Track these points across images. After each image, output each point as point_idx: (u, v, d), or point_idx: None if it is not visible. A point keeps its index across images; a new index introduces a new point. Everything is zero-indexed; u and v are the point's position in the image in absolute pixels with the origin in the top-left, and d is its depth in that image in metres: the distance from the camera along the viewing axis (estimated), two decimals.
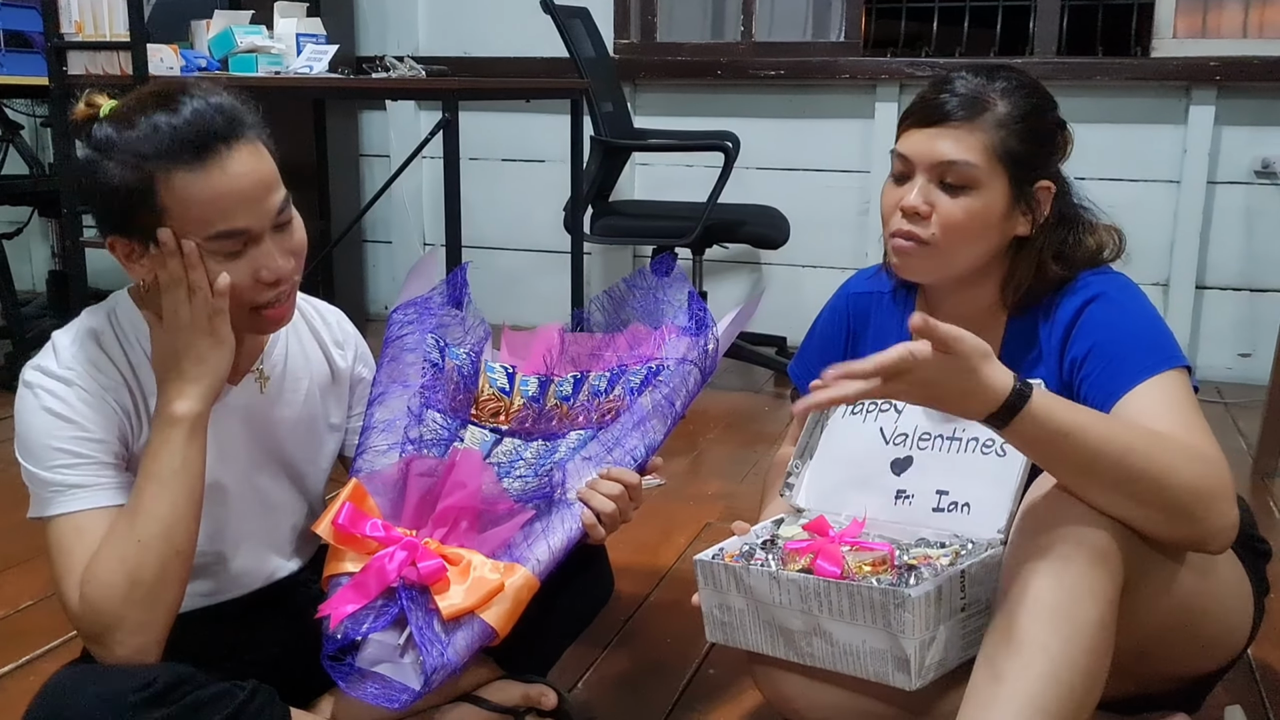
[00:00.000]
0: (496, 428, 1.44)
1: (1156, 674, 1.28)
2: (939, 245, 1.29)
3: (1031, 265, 1.32)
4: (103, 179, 1.14)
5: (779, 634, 1.22)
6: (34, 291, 4.58)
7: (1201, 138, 3.30)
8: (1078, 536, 1.10)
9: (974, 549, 1.23)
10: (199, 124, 1.13)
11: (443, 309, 1.51)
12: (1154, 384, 1.21)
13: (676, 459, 1.54)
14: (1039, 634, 1.07)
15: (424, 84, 2.94)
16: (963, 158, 1.26)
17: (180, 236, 1.14)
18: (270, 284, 1.19)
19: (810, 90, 3.70)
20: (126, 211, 1.15)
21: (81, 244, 2.89)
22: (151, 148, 1.12)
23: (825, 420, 1.43)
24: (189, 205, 1.13)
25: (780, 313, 3.60)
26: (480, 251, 4.01)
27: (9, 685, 1.70)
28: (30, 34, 3.19)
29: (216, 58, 2.78)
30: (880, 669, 1.16)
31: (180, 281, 1.16)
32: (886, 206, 1.34)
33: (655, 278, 1.55)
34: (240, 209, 1.15)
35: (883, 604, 1.12)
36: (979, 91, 1.28)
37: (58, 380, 1.19)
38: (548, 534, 1.28)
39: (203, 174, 1.13)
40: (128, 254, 1.19)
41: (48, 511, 1.19)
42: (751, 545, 1.31)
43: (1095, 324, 1.28)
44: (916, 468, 1.33)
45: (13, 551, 2.11)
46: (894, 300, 1.47)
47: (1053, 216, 1.32)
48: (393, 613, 1.23)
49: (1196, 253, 3.39)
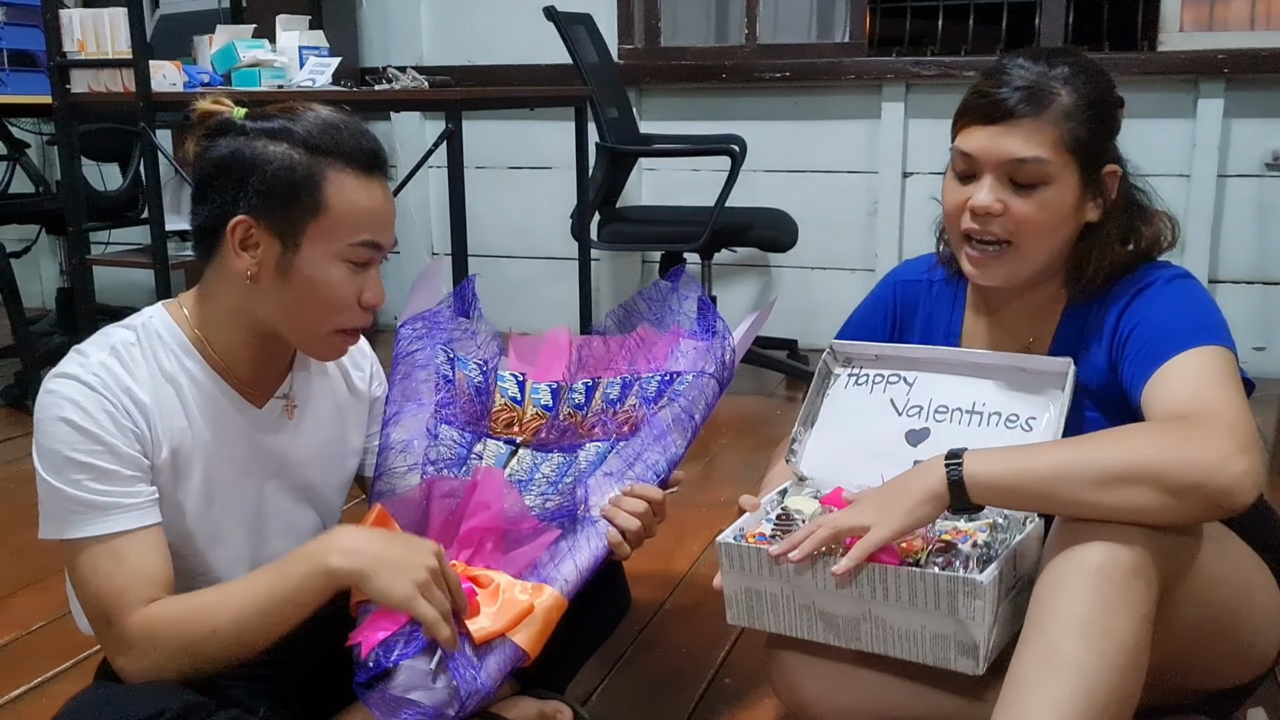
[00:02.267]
0: (510, 439, 1.43)
1: (1188, 686, 1.26)
2: (1016, 243, 1.25)
3: (1102, 251, 1.28)
4: (266, 157, 1.18)
5: (818, 618, 1.19)
6: (44, 309, 4.59)
7: (1211, 131, 3.28)
8: (1113, 550, 1.07)
9: (1009, 521, 1.21)
10: (370, 142, 1.22)
11: (452, 322, 1.50)
12: (1192, 355, 1.17)
13: (689, 464, 1.52)
14: (1073, 649, 1.05)
15: (427, 95, 2.93)
16: (1033, 154, 1.22)
17: (316, 237, 1.18)
18: (367, 308, 1.23)
19: (816, 91, 3.68)
20: (282, 193, 1.17)
21: (89, 261, 2.89)
22: (331, 143, 1.19)
23: (827, 388, 1.41)
24: (352, 208, 1.19)
25: (790, 315, 3.58)
26: (487, 260, 4.00)
27: (21, 708, 1.69)
28: (35, 53, 3.20)
29: (219, 73, 2.78)
30: (941, 654, 1.13)
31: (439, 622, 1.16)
32: (952, 205, 1.29)
33: (667, 287, 1.54)
34: (385, 228, 1.23)
35: (950, 591, 1.09)
36: (1040, 82, 1.23)
37: (82, 386, 1.17)
38: (574, 553, 1.27)
39: (367, 185, 1.21)
40: (245, 239, 1.20)
41: (75, 533, 1.16)
42: (769, 520, 1.27)
43: (1143, 305, 1.26)
44: (934, 440, 1.31)
45: (23, 572, 2.10)
46: (944, 289, 1.44)
47: (1119, 199, 1.29)
48: (423, 638, 1.21)
49: (1208, 247, 3.36)
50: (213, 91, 2.66)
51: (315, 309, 1.22)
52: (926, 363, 1.36)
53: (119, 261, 3.11)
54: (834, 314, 1.70)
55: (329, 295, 1.21)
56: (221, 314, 1.26)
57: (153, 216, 2.74)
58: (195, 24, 3.10)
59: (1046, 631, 1.07)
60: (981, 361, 1.33)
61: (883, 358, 1.39)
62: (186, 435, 1.24)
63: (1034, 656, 1.07)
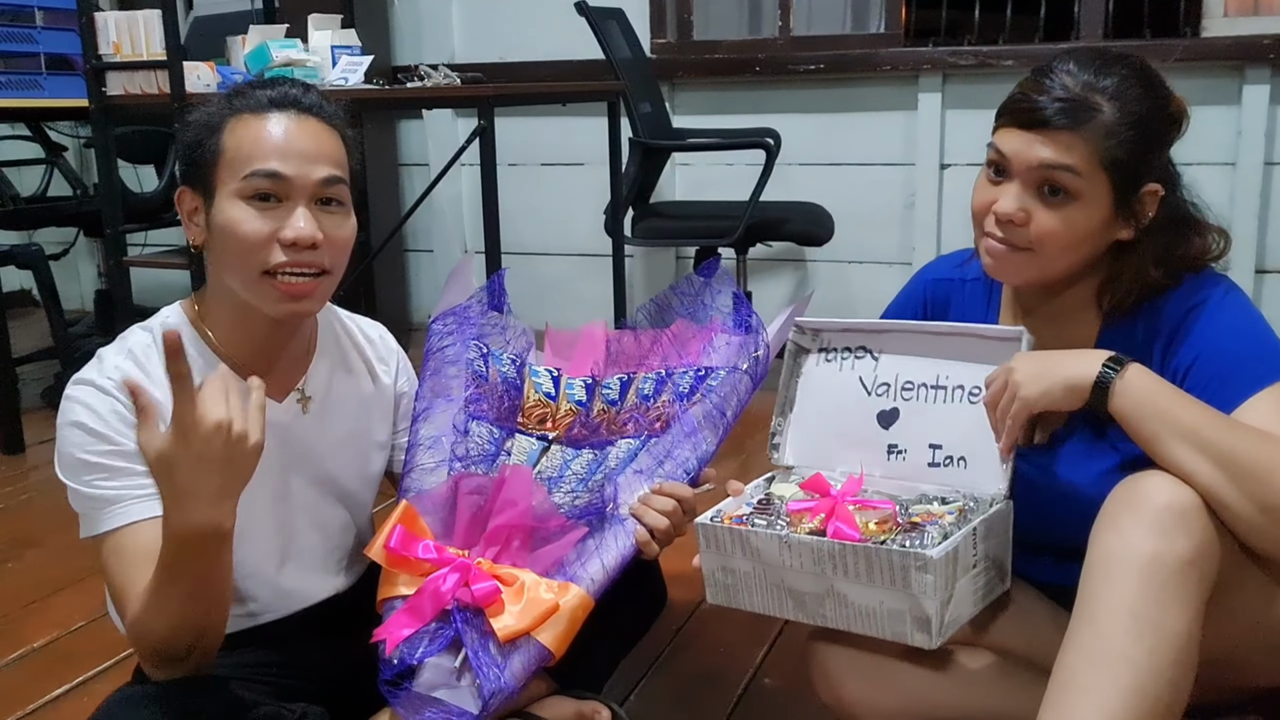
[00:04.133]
0: (544, 435, 1.42)
1: (1238, 683, 1.23)
2: (1034, 253, 1.22)
3: (1133, 271, 1.25)
4: (186, 125, 1.23)
5: (788, 596, 1.21)
6: (82, 310, 4.64)
7: (1257, 118, 3.21)
8: (1168, 540, 1.05)
9: (979, 505, 1.23)
10: (282, 89, 1.23)
11: (483, 316, 1.49)
12: (1267, 395, 1.15)
13: (726, 461, 1.51)
14: (1123, 644, 1.02)
15: (458, 92, 2.92)
16: (1063, 163, 1.18)
17: (220, 182, 1.19)
18: (286, 245, 1.18)
19: (851, 83, 3.64)
20: (194, 151, 1.21)
21: (126, 263, 2.91)
22: (234, 96, 1.22)
23: (800, 369, 1.41)
24: (240, 144, 1.19)
25: (826, 309, 3.50)
26: (521, 257, 3.99)
27: (63, 707, 1.70)
28: (72, 56, 3.23)
29: (252, 73, 2.78)
30: (898, 629, 1.15)
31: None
32: (979, 205, 1.26)
33: (700, 282, 1.52)
34: (278, 154, 1.18)
35: (902, 566, 1.11)
36: (1085, 94, 1.18)
37: (95, 390, 1.19)
38: (601, 551, 1.26)
39: (261, 119, 1.20)
40: (189, 210, 1.23)
41: (95, 530, 1.19)
42: (749, 504, 1.29)
43: (1200, 332, 1.22)
44: (904, 421, 1.32)
45: (65, 573, 2.12)
46: (979, 289, 1.41)
47: (1160, 219, 1.24)
48: (448, 636, 1.21)
49: (1255, 236, 3.29)
50: None
51: (235, 254, 1.19)
52: (890, 333, 1.36)
53: (156, 263, 3.14)
54: (871, 308, 1.68)
55: (238, 235, 1.18)
56: (216, 302, 1.27)
57: None
58: (228, 25, 3.12)
59: (1096, 623, 1.05)
60: (941, 331, 1.33)
61: (850, 329, 1.39)
62: None
63: (1082, 650, 1.05)
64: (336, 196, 1.22)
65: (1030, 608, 1.32)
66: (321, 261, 1.20)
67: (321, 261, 1.20)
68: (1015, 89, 1.25)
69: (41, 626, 1.95)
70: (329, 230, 1.21)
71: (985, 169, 1.27)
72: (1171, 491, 1.07)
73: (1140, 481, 1.10)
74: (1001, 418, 1.19)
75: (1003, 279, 1.30)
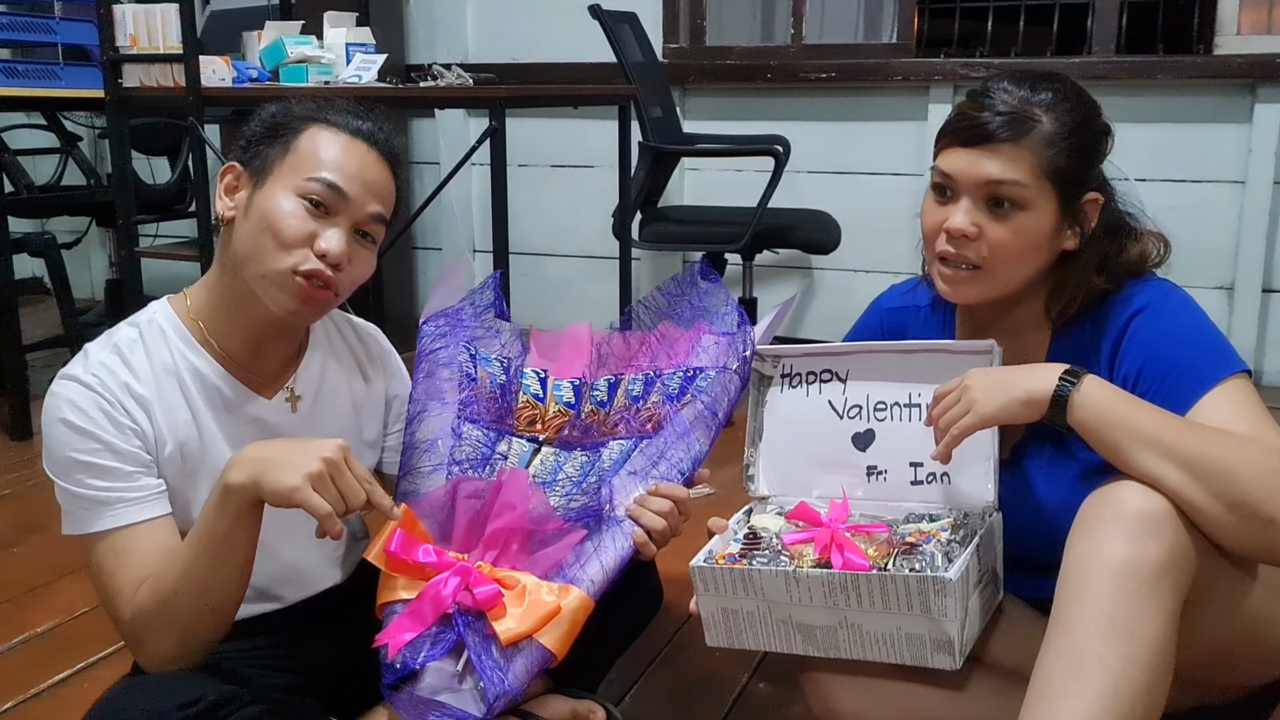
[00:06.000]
0: (534, 436, 1.42)
1: (1220, 685, 1.24)
2: (988, 268, 1.25)
3: (1077, 280, 1.27)
4: (262, 110, 1.29)
5: (796, 631, 1.20)
6: (93, 299, 4.67)
7: (1268, 137, 3.20)
8: (1141, 544, 1.06)
9: (970, 518, 1.24)
10: (372, 124, 1.29)
11: (475, 319, 1.49)
12: (1218, 394, 1.17)
13: (726, 468, 1.51)
14: (1099, 649, 1.03)
15: (470, 92, 2.93)
16: (1010, 178, 1.22)
17: (279, 174, 1.23)
18: (322, 256, 1.22)
19: (862, 92, 3.65)
20: (264, 137, 1.26)
21: (137, 253, 2.93)
22: (321, 107, 1.28)
23: (764, 398, 1.41)
24: (315, 149, 1.24)
25: (832, 318, 3.55)
26: (528, 258, 4.01)
27: (64, 692, 1.71)
28: (89, 47, 3.25)
29: (268, 68, 2.81)
30: (918, 653, 1.15)
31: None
32: (929, 226, 1.29)
33: (695, 283, 1.52)
34: (345, 175, 1.24)
35: (921, 591, 1.11)
36: (1022, 108, 1.23)
37: (79, 385, 1.20)
38: (599, 553, 1.27)
39: (342, 138, 1.26)
40: (231, 185, 1.27)
41: (84, 529, 1.19)
42: (737, 541, 1.28)
43: (1145, 338, 1.24)
44: (881, 442, 1.32)
45: (67, 560, 2.14)
46: (932, 314, 1.43)
47: (1099, 228, 1.28)
48: (449, 639, 1.21)
49: (1263, 255, 3.29)
50: (260, 88, 2.70)
51: (268, 241, 1.21)
52: (855, 354, 1.36)
53: (167, 254, 3.17)
54: None
55: (279, 224, 1.20)
56: (212, 292, 1.28)
57: (200, 210, 2.78)
58: (244, 20, 3.13)
59: (1072, 630, 1.05)
60: (909, 349, 1.33)
61: (811, 354, 1.39)
62: (192, 427, 1.25)
63: (1059, 657, 1.06)
64: (374, 233, 1.28)
65: (1018, 618, 1.33)
66: (337, 283, 1.23)
67: (337, 283, 1.23)
68: (952, 112, 1.29)
69: (45, 612, 1.97)
70: (354, 259, 1.25)
71: (930, 193, 1.30)
72: (1143, 498, 1.09)
73: (1112, 490, 1.11)
74: (946, 427, 1.19)
75: (957, 299, 1.31)
